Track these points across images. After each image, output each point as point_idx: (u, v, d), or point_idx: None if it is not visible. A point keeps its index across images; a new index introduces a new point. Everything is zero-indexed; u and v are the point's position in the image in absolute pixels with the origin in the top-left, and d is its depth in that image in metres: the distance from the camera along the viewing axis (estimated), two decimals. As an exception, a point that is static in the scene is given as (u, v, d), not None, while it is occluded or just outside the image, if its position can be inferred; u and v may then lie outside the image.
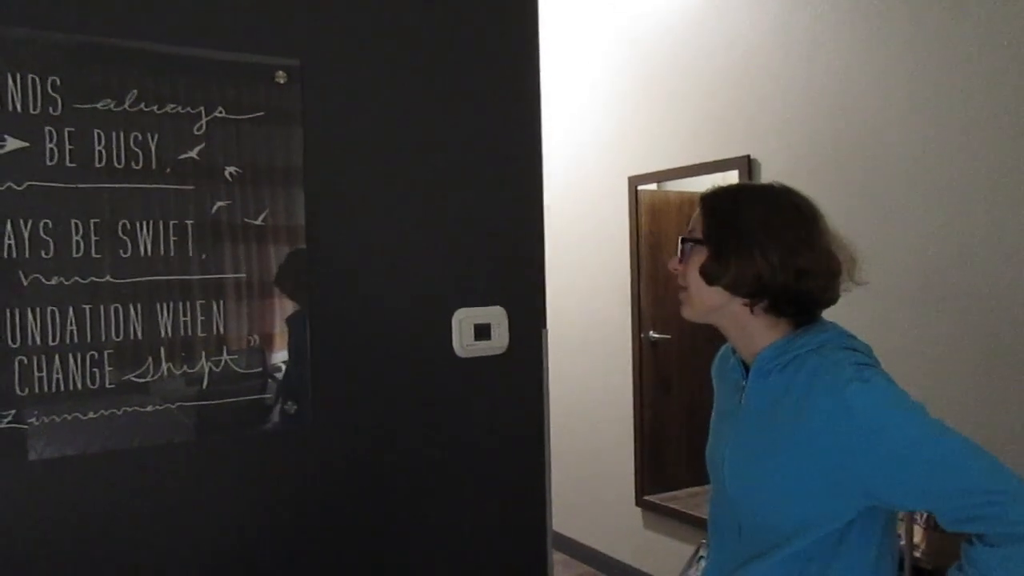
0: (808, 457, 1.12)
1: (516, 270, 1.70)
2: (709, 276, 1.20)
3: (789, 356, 1.17)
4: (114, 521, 1.32)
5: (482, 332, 1.63)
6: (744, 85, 3.22)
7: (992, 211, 2.43)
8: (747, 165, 3.17)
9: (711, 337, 1.35)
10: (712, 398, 1.41)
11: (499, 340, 1.66)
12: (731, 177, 3.26)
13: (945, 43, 2.54)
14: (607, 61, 3.94)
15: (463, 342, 1.61)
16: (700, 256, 1.21)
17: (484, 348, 1.64)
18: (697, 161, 3.42)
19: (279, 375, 1.45)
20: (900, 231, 2.67)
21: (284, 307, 1.45)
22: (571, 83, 4.18)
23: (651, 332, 3.75)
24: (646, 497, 3.77)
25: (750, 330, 1.22)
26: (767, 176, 3.10)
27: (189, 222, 1.36)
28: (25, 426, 1.24)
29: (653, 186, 3.74)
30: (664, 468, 3.84)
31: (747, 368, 1.25)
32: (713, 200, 1.25)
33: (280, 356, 1.45)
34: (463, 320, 1.61)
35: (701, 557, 2.84)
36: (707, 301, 1.22)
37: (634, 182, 3.75)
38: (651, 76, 3.68)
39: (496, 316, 1.65)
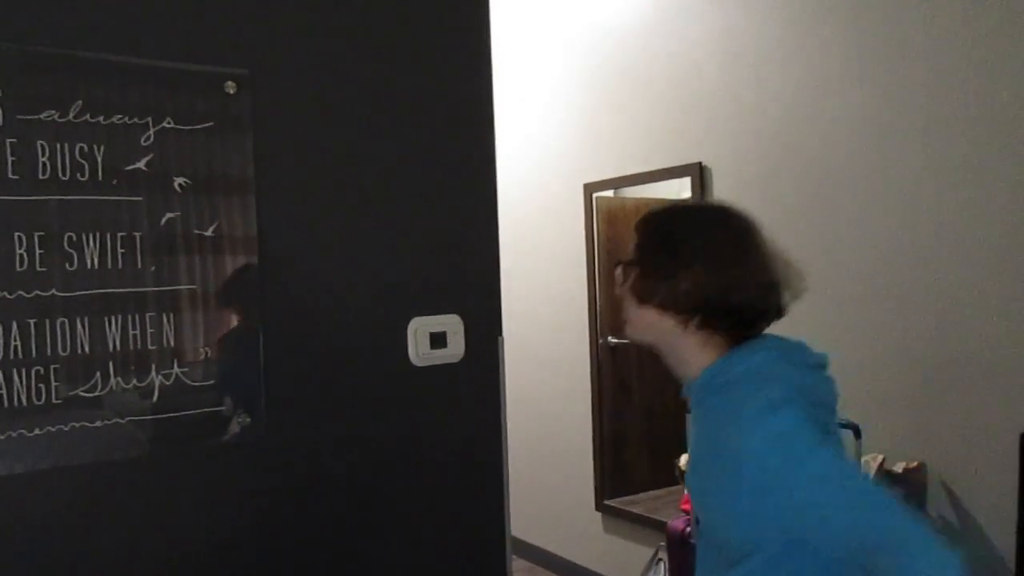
0: (734, 484, 1.12)
1: (471, 278, 1.71)
2: (640, 295, 1.22)
3: (717, 384, 1.18)
4: (67, 538, 1.29)
5: (438, 340, 1.63)
6: (696, 94, 3.27)
7: (937, 213, 2.50)
8: (699, 172, 3.22)
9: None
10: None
11: (455, 348, 1.66)
12: (684, 184, 3.31)
13: (887, 50, 2.62)
14: (563, 70, 3.98)
15: (419, 351, 1.61)
16: (633, 276, 1.24)
17: (440, 356, 1.64)
18: (651, 168, 3.47)
19: (235, 387, 1.43)
20: (848, 234, 2.74)
21: (238, 319, 1.43)
22: (527, 92, 4.21)
23: (610, 337, 3.78)
24: (606, 502, 3.80)
25: (683, 350, 1.22)
26: (719, 182, 3.15)
27: (138, 234, 1.34)
28: (-32, 444, 1.21)
29: (610, 193, 3.78)
30: (624, 473, 3.86)
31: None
32: (645, 223, 1.27)
33: (235, 368, 1.43)
34: (419, 329, 1.61)
35: (660, 560, 2.87)
36: (643, 320, 1.23)
37: (590, 189, 3.79)
38: (606, 85, 3.72)
39: (452, 324, 1.66)
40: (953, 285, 2.47)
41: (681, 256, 1.19)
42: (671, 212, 1.29)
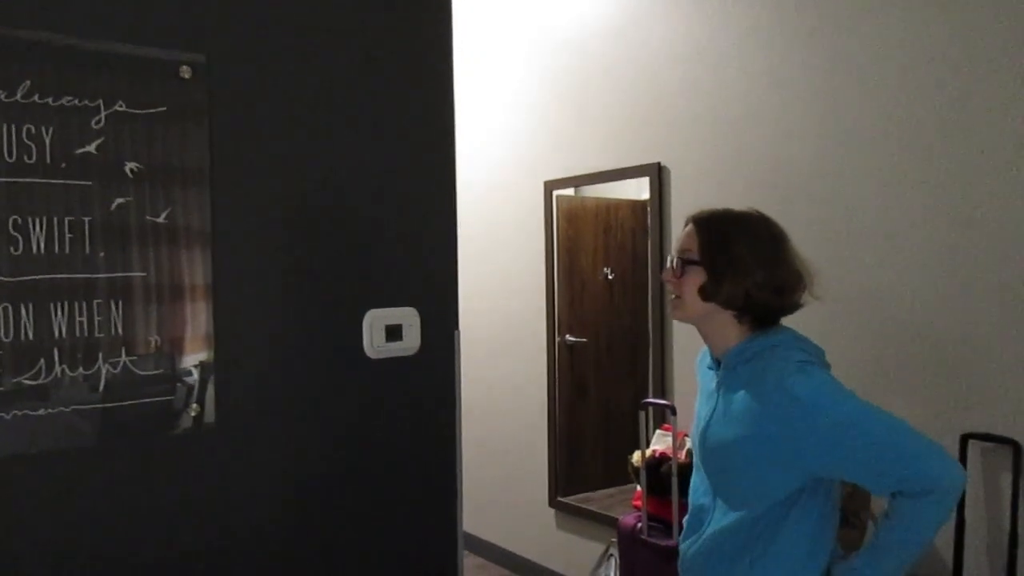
0: (763, 434, 1.38)
1: (428, 271, 1.70)
2: (707, 294, 1.46)
3: (750, 353, 1.45)
4: (8, 529, 1.26)
5: (393, 333, 1.62)
6: (656, 95, 3.31)
7: (888, 218, 2.56)
8: (657, 171, 3.25)
9: (628, 341, 1.46)
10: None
11: (411, 341, 1.65)
12: (643, 183, 3.34)
13: (839, 60, 2.67)
14: (525, 69, 3.98)
15: (374, 343, 1.60)
16: (696, 274, 1.47)
17: (395, 349, 1.63)
18: (611, 167, 3.49)
19: (188, 379, 1.41)
20: (800, 237, 2.78)
21: (189, 307, 1.41)
22: (489, 89, 4.21)
23: (568, 336, 3.79)
24: (560, 498, 3.82)
25: (728, 333, 1.49)
26: (677, 182, 3.19)
27: (86, 219, 1.31)
28: (-96, 432, 1.18)
29: (571, 191, 3.80)
30: (579, 470, 3.89)
31: (718, 361, 1.52)
32: (706, 225, 1.50)
33: (188, 359, 1.41)
34: (374, 321, 1.60)
35: (611, 555, 2.90)
36: (699, 310, 1.49)
37: (550, 187, 3.80)
38: (567, 85, 3.74)
39: (408, 317, 1.65)
40: (900, 289, 2.53)
41: (742, 264, 1.43)
42: (728, 220, 1.51)
